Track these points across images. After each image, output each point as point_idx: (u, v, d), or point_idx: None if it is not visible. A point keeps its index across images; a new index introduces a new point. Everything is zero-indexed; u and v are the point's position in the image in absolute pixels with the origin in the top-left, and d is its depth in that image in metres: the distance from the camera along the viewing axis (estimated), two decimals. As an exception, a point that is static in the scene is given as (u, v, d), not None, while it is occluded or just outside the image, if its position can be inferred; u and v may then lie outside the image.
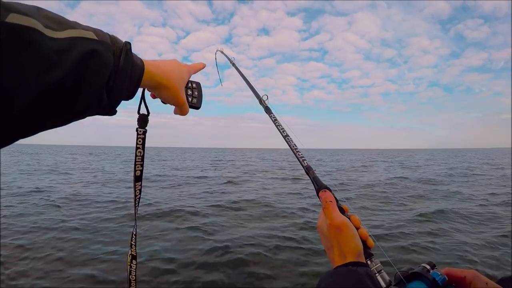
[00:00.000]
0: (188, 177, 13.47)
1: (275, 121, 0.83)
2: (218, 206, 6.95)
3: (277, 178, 13.68)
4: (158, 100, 0.61)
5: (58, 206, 6.67)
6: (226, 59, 1.06)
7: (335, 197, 0.62)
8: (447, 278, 0.55)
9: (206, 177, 13.55)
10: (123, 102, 0.48)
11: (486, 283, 0.54)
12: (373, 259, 0.56)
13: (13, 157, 28.15)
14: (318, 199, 0.64)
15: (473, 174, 15.24)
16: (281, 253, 4.06)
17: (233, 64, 1.00)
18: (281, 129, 0.83)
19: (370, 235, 0.58)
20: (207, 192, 9.16)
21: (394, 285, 0.53)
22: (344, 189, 9.85)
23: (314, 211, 6.46)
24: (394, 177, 13.50)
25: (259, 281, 3.34)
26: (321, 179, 0.69)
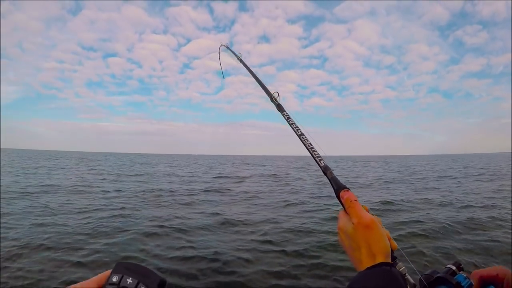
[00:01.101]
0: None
1: (288, 119, 0.77)
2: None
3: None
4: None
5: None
6: (232, 61, 1.00)
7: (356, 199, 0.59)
8: (473, 283, 0.54)
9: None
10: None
11: None
12: (397, 261, 0.53)
13: None
14: (338, 200, 0.61)
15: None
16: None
17: (241, 60, 0.95)
18: (295, 127, 0.77)
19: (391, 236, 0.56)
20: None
21: None
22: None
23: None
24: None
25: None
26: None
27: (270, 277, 3.50)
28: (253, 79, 0.84)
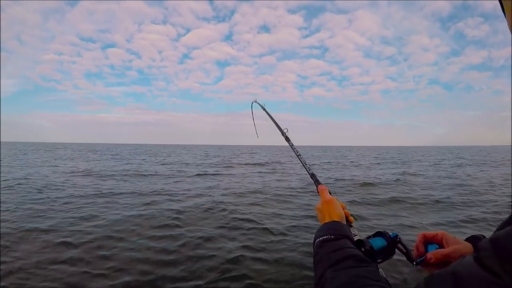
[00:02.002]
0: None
1: (292, 145, 1.28)
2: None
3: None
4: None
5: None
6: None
7: (328, 190, 0.91)
8: (398, 234, 0.70)
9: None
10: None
11: (454, 237, 0.69)
12: (352, 227, 0.77)
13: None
14: (317, 191, 0.94)
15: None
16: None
17: (264, 109, 1.45)
18: (296, 151, 1.27)
19: (351, 214, 0.82)
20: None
21: (361, 238, 0.70)
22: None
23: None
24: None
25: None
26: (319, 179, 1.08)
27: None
28: (274, 121, 1.37)
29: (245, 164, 21.06)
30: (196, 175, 13.43)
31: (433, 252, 0.66)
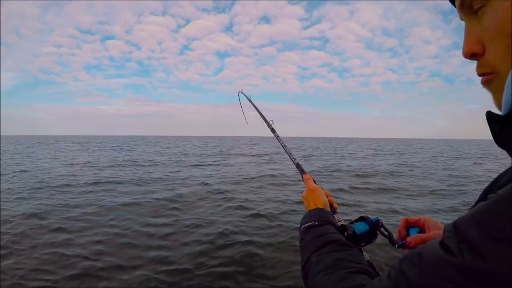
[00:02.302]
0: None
1: (277, 137, 1.30)
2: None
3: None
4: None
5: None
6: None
7: (313, 178, 0.94)
8: (379, 219, 0.72)
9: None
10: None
11: (436, 223, 0.70)
12: (336, 213, 0.82)
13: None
14: (302, 180, 0.96)
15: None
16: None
17: (250, 100, 1.47)
18: (281, 141, 1.30)
19: (335, 202, 0.87)
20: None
21: (344, 224, 0.72)
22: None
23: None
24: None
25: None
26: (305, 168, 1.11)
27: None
28: (259, 113, 1.39)
29: (244, 155, 21.17)
30: (194, 165, 13.50)
31: (413, 236, 0.68)
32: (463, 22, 0.42)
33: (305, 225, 0.69)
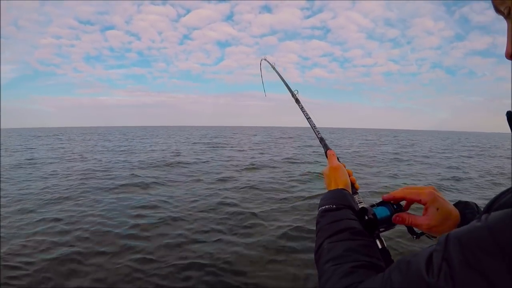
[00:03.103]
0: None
1: (302, 108, 1.22)
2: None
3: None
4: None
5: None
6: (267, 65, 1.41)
7: (336, 156, 0.90)
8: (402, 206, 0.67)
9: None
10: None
11: (437, 209, 0.60)
12: (357, 194, 0.77)
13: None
14: (325, 156, 0.92)
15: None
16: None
17: (274, 68, 1.38)
18: (305, 113, 1.22)
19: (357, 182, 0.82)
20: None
21: (365, 206, 0.69)
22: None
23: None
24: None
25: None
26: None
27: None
28: (284, 82, 1.31)
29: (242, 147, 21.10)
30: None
31: (403, 216, 0.63)
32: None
33: (323, 207, 0.68)
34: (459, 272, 0.30)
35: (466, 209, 0.64)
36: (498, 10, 0.43)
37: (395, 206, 0.68)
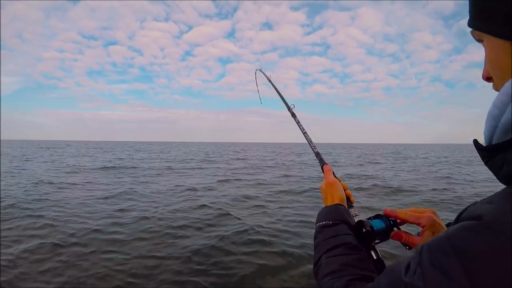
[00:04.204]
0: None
1: (298, 122, 1.19)
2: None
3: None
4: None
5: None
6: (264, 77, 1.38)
7: (332, 170, 0.92)
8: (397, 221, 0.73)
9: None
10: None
11: (433, 233, 0.67)
12: (353, 207, 0.81)
13: None
14: (322, 171, 0.94)
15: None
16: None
17: (269, 81, 1.35)
18: (301, 128, 1.18)
19: (352, 195, 0.85)
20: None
21: (362, 219, 0.72)
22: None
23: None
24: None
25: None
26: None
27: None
28: (279, 95, 1.27)
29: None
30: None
31: (399, 234, 0.71)
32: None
33: (320, 223, 0.71)
34: (427, 270, 0.37)
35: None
36: (477, 40, 0.48)
37: (391, 221, 0.73)
